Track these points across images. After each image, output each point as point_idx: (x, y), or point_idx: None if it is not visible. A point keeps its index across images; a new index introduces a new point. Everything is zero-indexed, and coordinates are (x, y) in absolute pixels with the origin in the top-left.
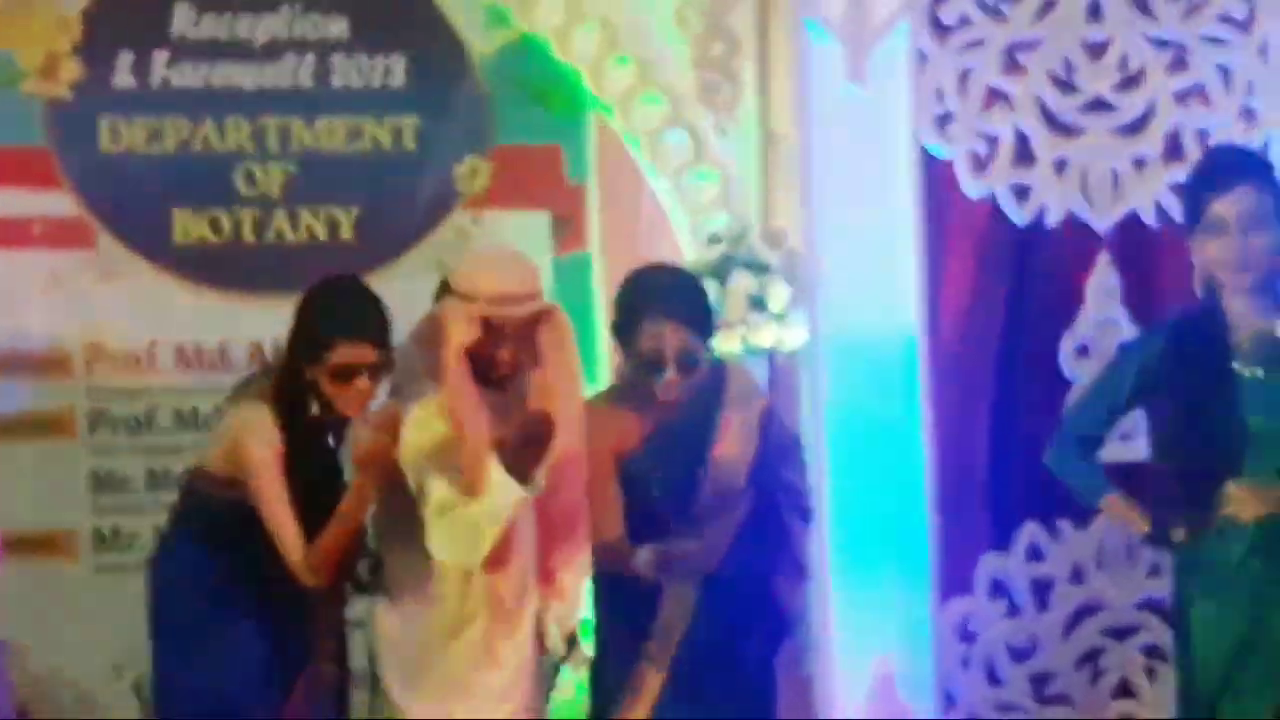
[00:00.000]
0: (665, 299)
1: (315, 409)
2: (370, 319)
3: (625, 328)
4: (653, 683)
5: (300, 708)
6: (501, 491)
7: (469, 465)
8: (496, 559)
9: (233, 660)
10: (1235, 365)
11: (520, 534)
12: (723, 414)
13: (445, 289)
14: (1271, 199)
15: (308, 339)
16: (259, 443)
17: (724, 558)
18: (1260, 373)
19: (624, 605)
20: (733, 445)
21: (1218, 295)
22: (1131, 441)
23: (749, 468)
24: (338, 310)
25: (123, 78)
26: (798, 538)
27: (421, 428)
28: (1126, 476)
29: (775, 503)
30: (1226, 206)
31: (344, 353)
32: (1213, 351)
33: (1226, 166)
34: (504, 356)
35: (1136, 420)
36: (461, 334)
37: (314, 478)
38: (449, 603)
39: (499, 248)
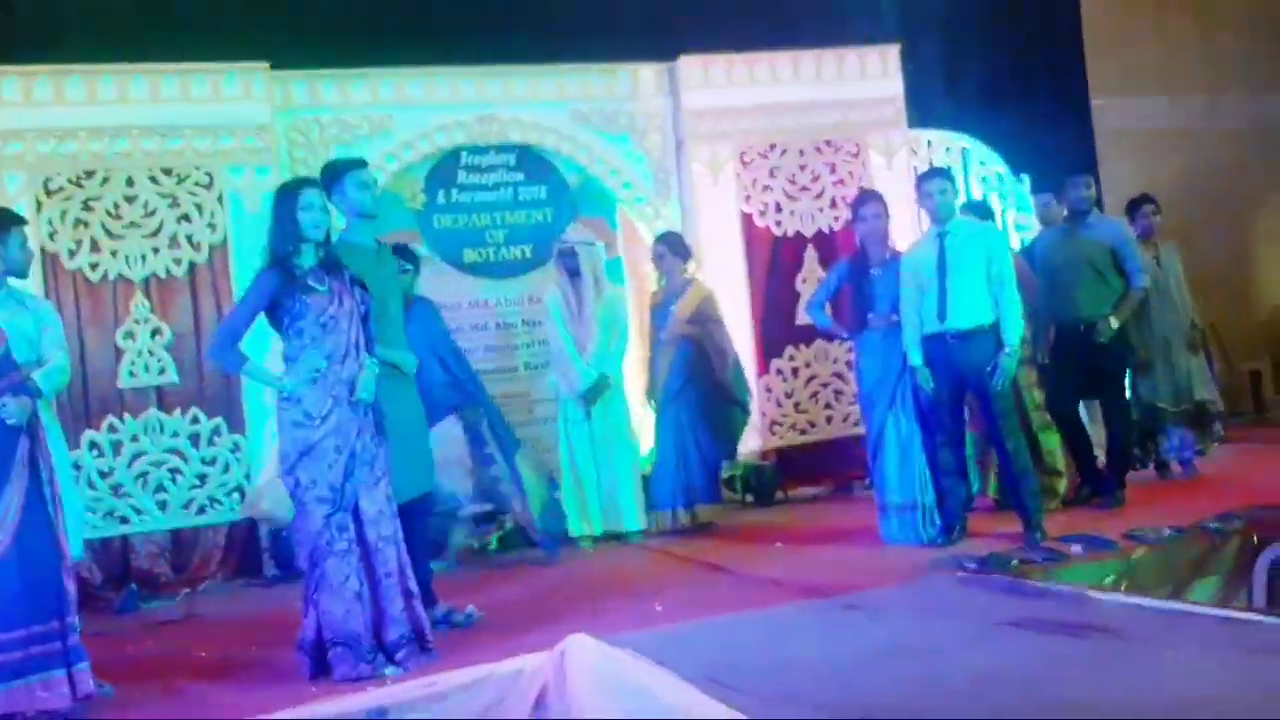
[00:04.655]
0: None
1: None
2: None
3: None
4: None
5: None
6: None
7: None
8: None
9: None
10: (872, 272)
11: None
12: (685, 291)
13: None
14: (881, 207)
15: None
16: None
17: (691, 365)
18: (879, 272)
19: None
20: (685, 306)
21: (864, 248)
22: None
23: (693, 317)
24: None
25: (441, 199)
26: (720, 366)
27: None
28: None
29: (706, 348)
30: (867, 211)
31: None
32: (863, 268)
33: (862, 198)
34: None
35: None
36: None
37: None
38: None
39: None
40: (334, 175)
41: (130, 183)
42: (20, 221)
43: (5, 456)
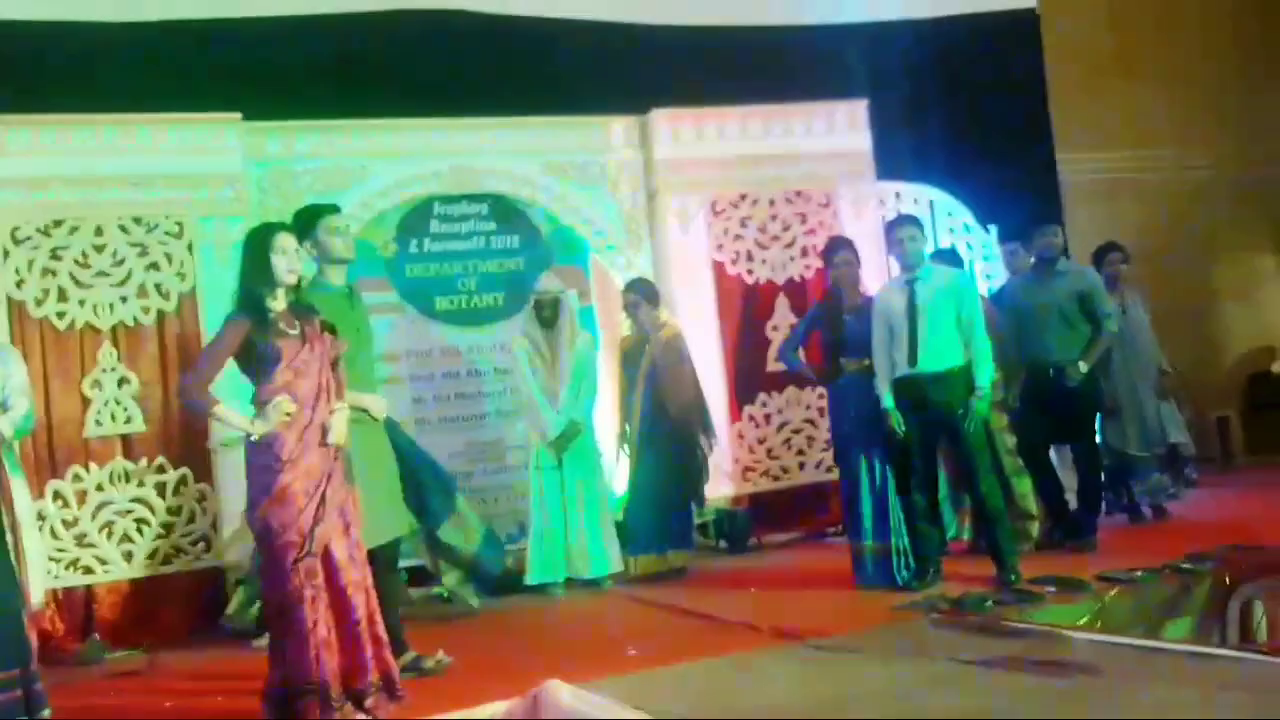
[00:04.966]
0: None
1: None
2: None
3: None
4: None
5: None
6: None
7: None
8: None
9: None
10: (845, 317)
11: None
12: (656, 334)
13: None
14: (853, 254)
15: None
16: None
17: (663, 408)
18: (851, 317)
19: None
20: (655, 346)
21: (837, 293)
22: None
23: (663, 354)
24: None
25: (413, 248)
26: (688, 404)
27: None
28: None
29: (676, 389)
30: (840, 258)
31: None
32: (835, 313)
33: (834, 244)
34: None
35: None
36: None
37: None
38: None
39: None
40: (307, 221)
41: (99, 232)
42: None
43: None
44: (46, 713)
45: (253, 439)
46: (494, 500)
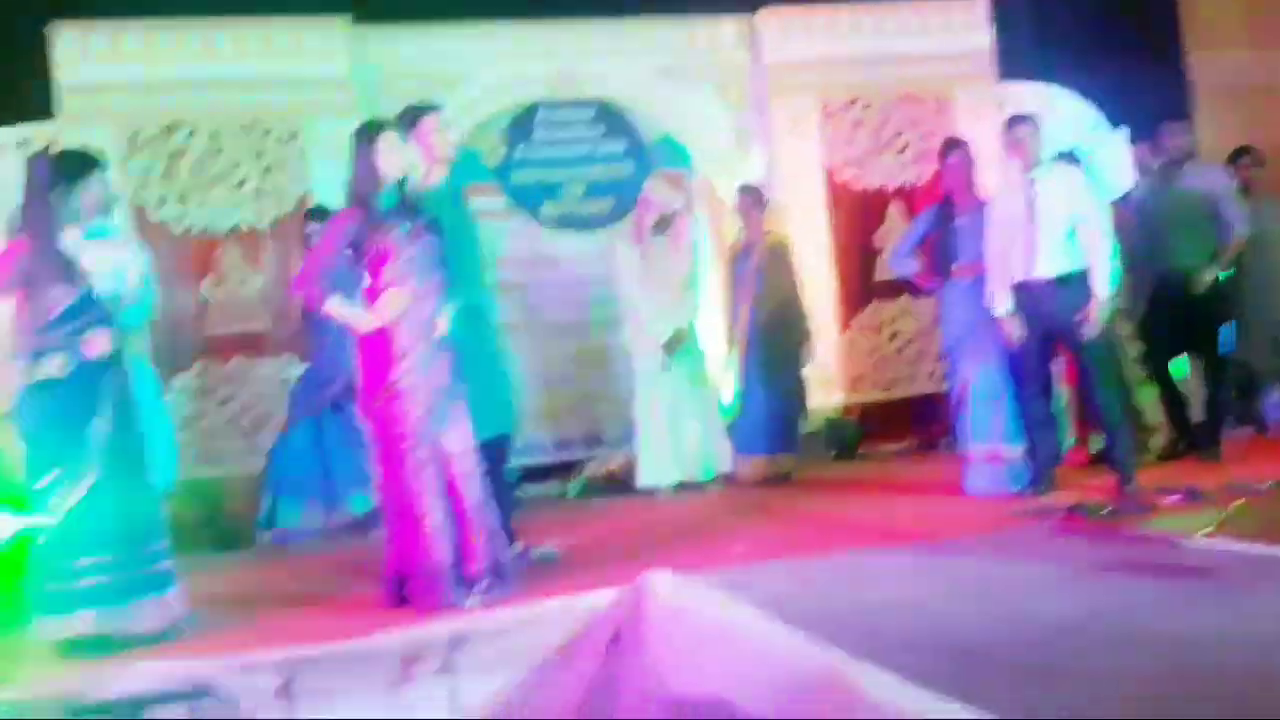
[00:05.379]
0: None
1: None
2: None
3: None
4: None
5: None
6: None
7: None
8: None
9: None
10: (956, 218)
11: None
12: (762, 240)
13: None
14: (968, 154)
15: None
16: None
17: (770, 313)
18: (966, 219)
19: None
20: (762, 252)
21: (950, 196)
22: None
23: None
24: None
25: (519, 154)
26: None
27: None
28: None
29: (781, 295)
30: (953, 157)
31: None
32: (949, 216)
33: (949, 144)
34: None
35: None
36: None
37: None
38: None
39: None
40: (410, 119)
41: (216, 136)
42: (102, 163)
43: (92, 389)
44: (175, 589)
45: (366, 334)
46: (601, 404)
